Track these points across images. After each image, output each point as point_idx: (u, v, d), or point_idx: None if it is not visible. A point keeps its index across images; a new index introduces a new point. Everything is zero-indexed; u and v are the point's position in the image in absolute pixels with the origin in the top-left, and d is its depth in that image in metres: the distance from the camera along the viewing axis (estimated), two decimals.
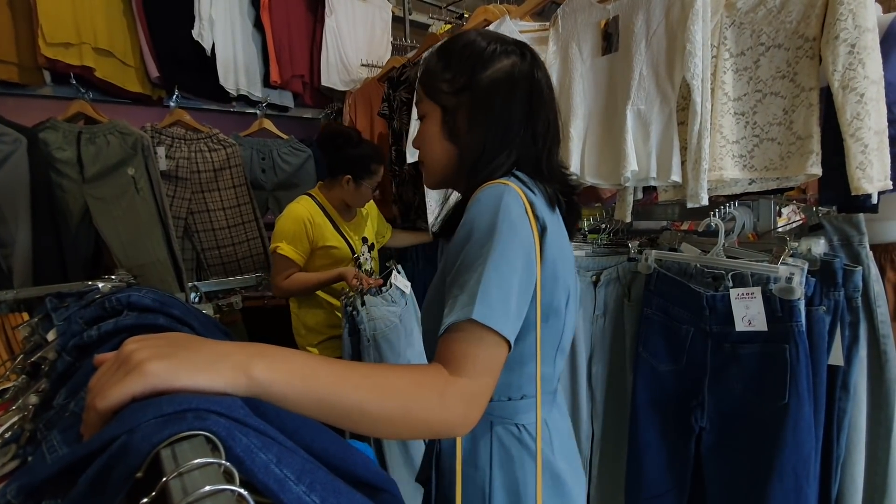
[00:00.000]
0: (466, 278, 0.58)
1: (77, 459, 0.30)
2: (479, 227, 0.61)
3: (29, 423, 0.53)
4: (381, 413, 0.47)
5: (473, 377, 0.52)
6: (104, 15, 1.82)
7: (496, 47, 0.72)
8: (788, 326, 1.02)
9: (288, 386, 0.42)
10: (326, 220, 1.71)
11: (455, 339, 0.55)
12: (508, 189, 0.64)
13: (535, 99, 0.71)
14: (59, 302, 0.67)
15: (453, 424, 0.51)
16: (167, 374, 0.36)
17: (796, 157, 1.11)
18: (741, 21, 1.15)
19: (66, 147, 1.70)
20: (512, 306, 0.57)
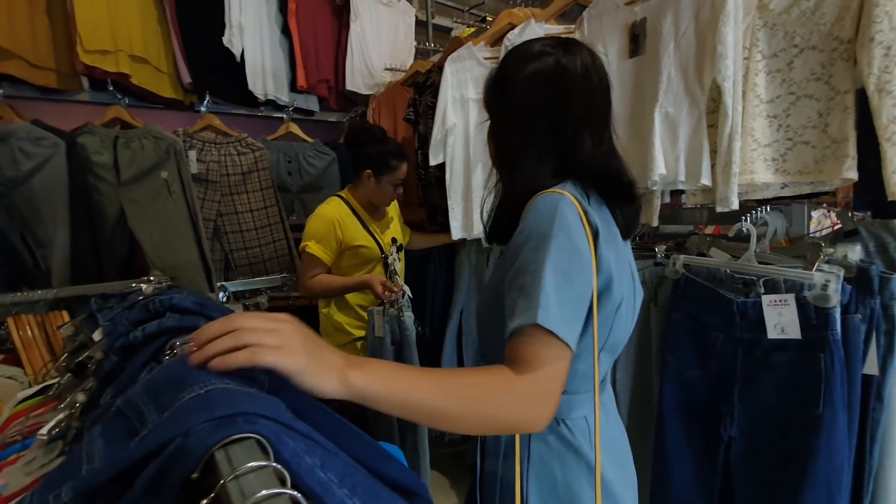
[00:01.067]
0: (527, 284, 0.60)
1: (134, 461, 0.31)
2: (537, 235, 0.63)
3: (76, 420, 0.56)
4: (457, 413, 0.54)
5: (538, 376, 0.57)
6: (139, 23, 1.88)
7: (531, 50, 0.72)
8: (823, 335, 1.00)
9: (377, 392, 0.50)
10: (356, 220, 1.72)
11: (519, 343, 0.59)
12: (563, 198, 0.66)
13: (557, 90, 0.70)
14: (103, 303, 0.70)
15: (526, 420, 0.57)
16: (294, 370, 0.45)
17: (831, 160, 1.08)
18: (774, 22, 1.13)
19: (102, 151, 1.76)
20: (569, 310, 0.60)
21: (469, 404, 0.55)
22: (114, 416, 0.40)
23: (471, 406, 0.55)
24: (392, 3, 2.60)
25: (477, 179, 1.78)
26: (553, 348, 0.58)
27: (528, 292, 0.60)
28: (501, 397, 0.56)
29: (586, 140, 0.71)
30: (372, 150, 1.70)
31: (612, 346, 0.76)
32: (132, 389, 0.42)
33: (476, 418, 0.56)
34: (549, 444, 0.74)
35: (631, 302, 0.78)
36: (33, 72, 1.72)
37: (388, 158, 1.70)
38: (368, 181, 1.71)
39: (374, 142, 1.72)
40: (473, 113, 1.78)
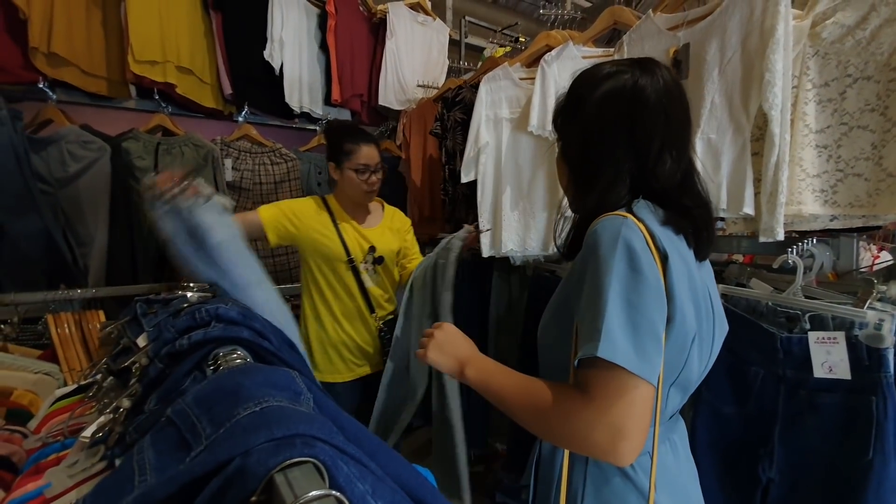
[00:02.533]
0: (589, 314, 0.61)
1: (194, 478, 0.30)
2: (597, 261, 0.62)
3: (119, 425, 0.56)
4: (525, 419, 0.65)
5: (601, 407, 0.57)
6: (187, 36, 1.96)
7: (604, 71, 0.72)
8: (876, 377, 0.94)
9: (478, 385, 0.73)
10: (325, 214, 1.59)
11: (584, 373, 0.60)
12: (626, 221, 0.64)
13: (637, 108, 0.68)
14: (147, 308, 0.71)
15: (589, 448, 0.58)
16: (431, 364, 0.78)
17: (886, 194, 1.04)
18: (826, 51, 1.10)
19: (145, 156, 1.82)
20: (639, 340, 0.58)
21: (534, 415, 0.63)
22: (164, 426, 0.40)
23: (535, 417, 0.63)
24: (427, 22, 2.64)
25: (507, 198, 1.78)
26: (619, 381, 0.57)
27: (590, 323, 0.60)
28: (561, 419, 0.60)
29: (666, 158, 0.69)
30: (333, 140, 1.59)
31: (685, 382, 0.73)
32: (182, 399, 0.41)
33: (539, 429, 0.65)
34: (607, 475, 0.71)
35: (709, 335, 0.74)
36: (86, 79, 1.79)
37: (341, 142, 1.56)
38: (335, 174, 1.59)
39: (335, 131, 1.61)
40: (506, 132, 1.78)
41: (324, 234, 1.57)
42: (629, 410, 0.57)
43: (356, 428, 0.50)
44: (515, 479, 1.86)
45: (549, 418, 0.61)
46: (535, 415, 0.64)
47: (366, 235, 1.64)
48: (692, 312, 0.67)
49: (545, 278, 1.83)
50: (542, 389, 0.64)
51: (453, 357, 0.77)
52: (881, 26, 1.03)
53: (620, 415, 0.56)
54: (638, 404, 0.57)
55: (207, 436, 0.35)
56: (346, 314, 1.62)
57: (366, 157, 1.56)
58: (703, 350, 0.72)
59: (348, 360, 1.64)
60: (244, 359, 0.54)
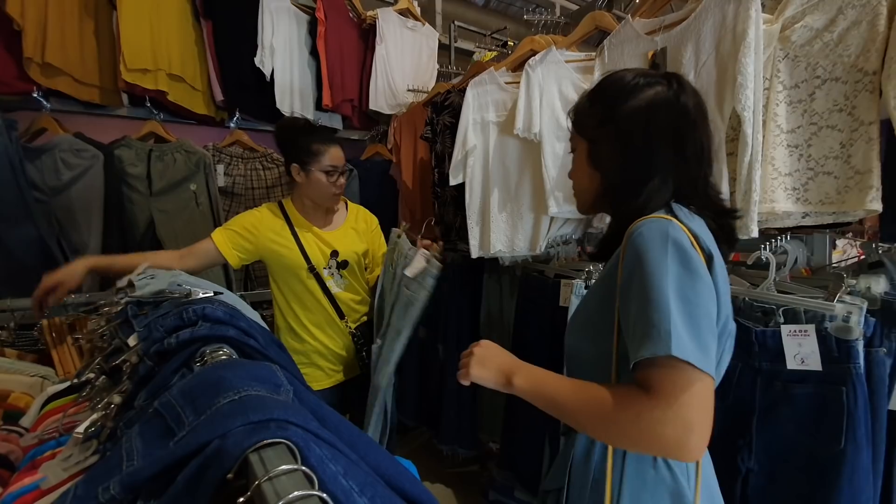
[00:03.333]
0: (652, 313, 0.61)
1: (176, 460, 0.33)
2: (649, 262, 0.63)
3: (110, 420, 0.58)
4: (588, 421, 0.65)
5: (670, 403, 0.58)
6: (178, 44, 1.98)
7: (639, 80, 0.74)
8: (846, 368, 0.98)
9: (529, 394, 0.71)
10: (283, 223, 1.51)
11: (651, 372, 0.60)
12: (671, 223, 0.66)
13: (683, 124, 0.72)
14: (138, 309, 0.74)
15: (665, 446, 0.59)
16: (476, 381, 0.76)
17: (854, 191, 1.07)
18: (796, 54, 1.14)
19: (137, 163, 1.85)
20: (701, 335, 0.60)
21: (597, 418, 0.63)
22: (151, 416, 0.43)
23: (598, 420, 0.63)
24: (416, 28, 2.68)
25: (495, 200, 1.81)
26: (685, 376, 0.58)
27: (654, 322, 0.60)
28: (630, 419, 0.60)
29: (706, 171, 0.75)
30: (294, 140, 1.48)
31: (719, 375, 0.75)
32: (168, 392, 0.44)
33: (602, 432, 0.65)
34: (645, 479, 0.72)
35: (733, 331, 0.77)
36: (79, 88, 1.82)
37: (309, 143, 1.45)
38: (298, 177, 1.48)
39: (296, 131, 1.50)
40: (493, 135, 1.82)
41: (280, 244, 1.49)
42: (697, 404, 0.58)
43: (337, 420, 0.53)
44: (509, 478, 1.89)
45: (616, 420, 0.61)
46: (598, 418, 0.64)
47: (326, 240, 1.55)
48: (726, 310, 0.70)
49: (534, 278, 1.86)
50: (601, 393, 0.64)
51: (497, 370, 0.76)
52: (848, 29, 1.07)
53: (689, 409, 0.57)
54: (704, 397, 0.58)
55: (190, 423, 0.38)
56: (315, 323, 1.56)
57: (335, 159, 1.48)
58: (729, 346, 0.76)
59: (325, 368, 1.60)
60: (230, 356, 0.57)
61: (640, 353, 0.61)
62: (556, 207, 1.63)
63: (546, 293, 1.71)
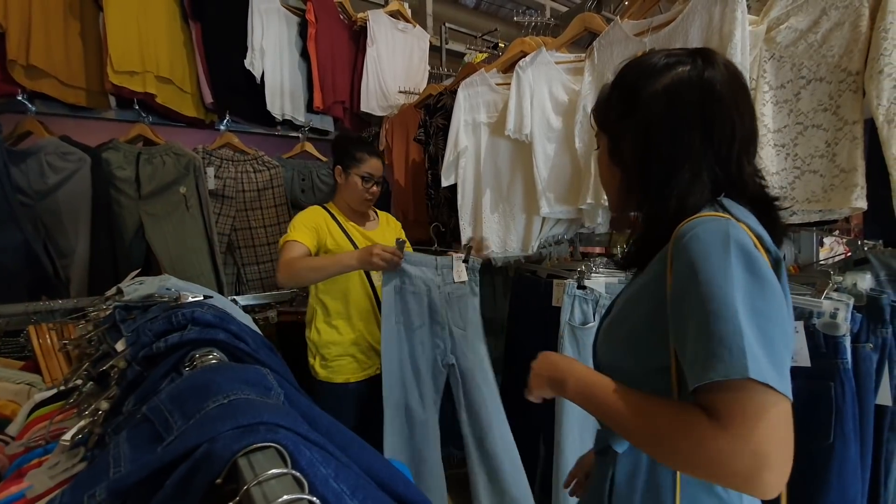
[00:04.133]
0: (721, 329, 0.52)
1: (164, 465, 0.33)
2: (710, 269, 0.55)
3: (98, 427, 0.58)
4: (643, 440, 0.59)
5: (743, 436, 0.49)
6: (167, 46, 1.97)
7: (663, 61, 0.66)
8: (833, 363, 0.99)
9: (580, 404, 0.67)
10: (333, 223, 1.68)
11: (719, 397, 0.52)
12: (731, 223, 0.58)
13: (709, 102, 0.63)
14: (126, 314, 0.73)
15: (733, 480, 0.51)
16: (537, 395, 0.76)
17: (840, 189, 1.09)
18: (781, 55, 1.16)
19: (125, 166, 1.82)
20: (778, 354, 0.52)
21: (653, 438, 0.56)
22: (139, 422, 0.42)
23: (655, 440, 0.56)
24: (407, 29, 2.68)
25: (487, 201, 1.82)
26: (758, 401, 0.50)
27: (723, 339, 0.51)
28: (686, 445, 0.53)
29: (744, 158, 0.65)
30: (345, 147, 1.69)
31: None
32: (157, 397, 0.44)
33: (659, 454, 0.58)
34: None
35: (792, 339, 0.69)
36: (65, 90, 1.79)
37: (353, 150, 1.67)
38: (339, 178, 1.69)
39: (349, 140, 1.74)
40: (485, 136, 1.82)
41: (335, 239, 1.65)
42: (772, 434, 0.50)
43: (328, 422, 0.52)
44: None
45: (675, 445, 0.54)
46: (655, 438, 0.57)
47: (369, 237, 1.73)
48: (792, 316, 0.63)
49: (527, 278, 1.87)
50: (659, 410, 0.57)
51: (549, 383, 0.72)
52: (831, 30, 1.09)
53: (764, 440, 0.49)
54: (781, 425, 0.50)
55: (178, 427, 0.37)
56: (359, 315, 1.67)
57: (372, 168, 1.67)
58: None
59: (360, 360, 1.68)
60: (220, 360, 0.57)
61: (707, 376, 0.52)
62: (548, 208, 1.63)
63: (539, 293, 1.71)
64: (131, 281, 1.02)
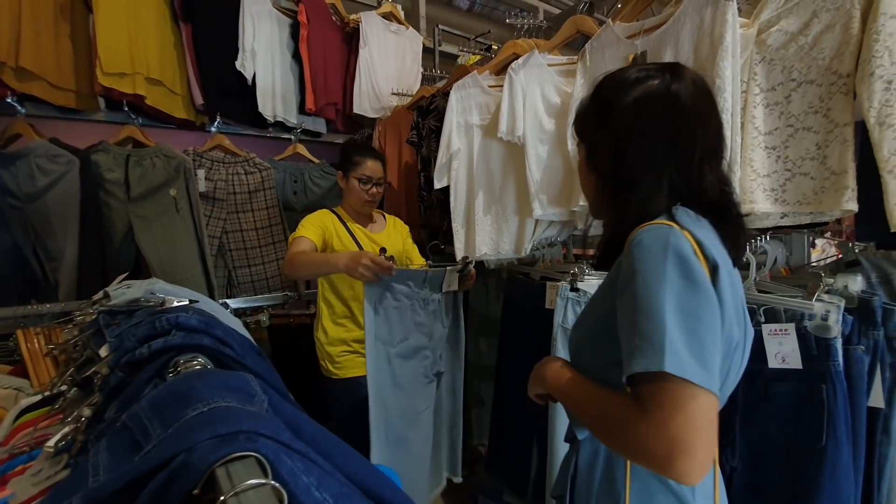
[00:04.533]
0: (646, 327, 0.58)
1: (141, 474, 0.32)
2: (647, 272, 0.60)
3: (81, 434, 0.56)
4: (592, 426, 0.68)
5: (660, 422, 0.55)
6: (157, 47, 1.95)
7: (634, 75, 0.71)
8: (825, 365, 0.99)
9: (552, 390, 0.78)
10: (341, 225, 1.73)
11: (644, 388, 0.58)
12: (672, 230, 0.63)
13: (675, 113, 0.68)
14: (111, 319, 0.72)
15: (653, 463, 0.56)
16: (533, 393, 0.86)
17: (831, 192, 1.09)
18: (772, 57, 1.16)
19: (115, 168, 1.81)
20: (702, 350, 0.57)
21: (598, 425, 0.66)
22: (118, 430, 0.41)
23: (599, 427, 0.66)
24: (400, 31, 2.68)
25: (479, 203, 1.81)
26: (679, 392, 0.55)
27: (648, 336, 0.57)
28: (620, 430, 0.60)
29: (706, 168, 0.69)
30: (346, 152, 1.76)
31: (724, 393, 0.72)
32: (137, 404, 0.43)
33: (602, 438, 0.67)
34: (651, 492, 0.70)
35: (742, 343, 0.72)
36: (54, 92, 1.78)
37: (351, 154, 1.73)
38: (341, 183, 1.76)
39: (349, 145, 1.81)
40: (477, 139, 1.82)
41: (342, 240, 1.70)
42: (691, 423, 0.54)
43: (313, 428, 0.51)
44: (498, 482, 1.88)
45: (611, 429, 0.62)
46: (598, 424, 0.66)
47: (375, 239, 1.78)
48: (735, 321, 0.66)
49: (520, 281, 1.87)
50: (607, 400, 0.64)
51: (539, 383, 0.82)
52: (822, 32, 1.10)
53: (681, 428, 0.54)
54: (700, 416, 0.55)
55: (157, 436, 0.36)
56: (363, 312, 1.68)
57: (369, 170, 1.72)
58: (740, 358, 0.72)
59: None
60: (205, 366, 0.56)
61: (631, 367, 0.58)
62: (541, 210, 1.63)
63: (532, 295, 1.71)
64: (118, 284, 1.01)
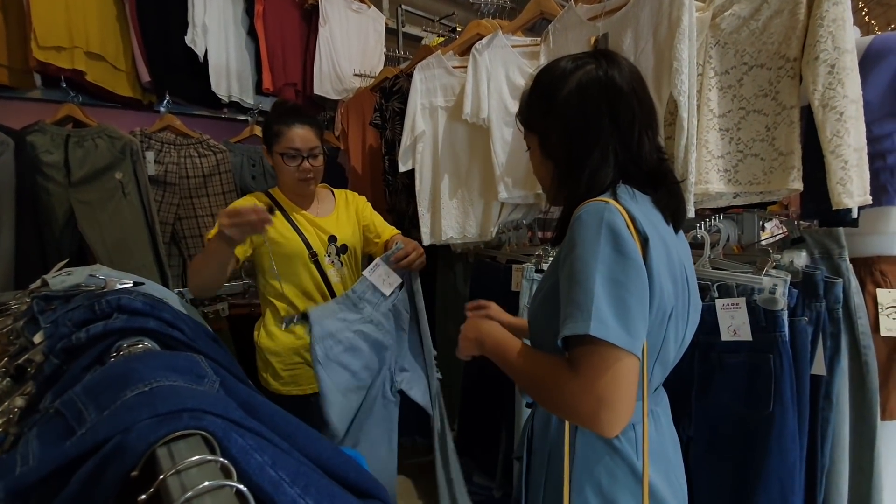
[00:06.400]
0: (577, 295, 0.64)
1: (69, 460, 0.29)
2: (582, 245, 0.66)
3: (14, 426, 0.52)
4: (527, 386, 0.74)
5: (587, 381, 0.62)
6: (97, 19, 1.81)
7: (569, 65, 0.76)
8: (772, 336, 1.04)
9: (492, 356, 0.81)
10: (278, 212, 1.43)
11: (573, 351, 0.65)
12: (608, 206, 0.68)
13: (612, 94, 0.73)
14: (45, 304, 0.66)
15: (577, 418, 0.65)
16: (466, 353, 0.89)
17: (778, 172, 1.14)
18: (725, 41, 1.19)
19: (53, 150, 1.68)
20: (627, 316, 0.63)
21: (532, 385, 0.72)
22: (51, 417, 0.38)
23: (533, 387, 0.72)
24: (362, 10, 2.60)
25: (445, 186, 1.80)
26: (605, 355, 0.62)
27: (579, 303, 0.63)
28: (552, 390, 0.67)
29: (644, 140, 0.75)
30: (266, 123, 1.41)
31: (665, 357, 0.76)
32: (72, 390, 0.39)
33: (537, 397, 0.74)
34: (595, 448, 0.75)
35: (684, 311, 0.77)
36: None
37: (272, 125, 1.37)
38: (269, 160, 1.44)
39: (269, 113, 1.44)
40: (442, 121, 1.80)
41: (279, 232, 1.39)
42: (613, 382, 0.61)
43: (272, 410, 0.49)
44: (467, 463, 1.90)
45: (544, 388, 0.69)
46: (533, 384, 0.72)
47: (322, 226, 1.46)
48: (670, 290, 0.71)
49: (486, 264, 1.87)
50: (541, 362, 0.71)
51: (475, 343, 0.86)
52: (771, 17, 1.13)
53: (606, 387, 0.61)
54: (623, 376, 0.62)
55: (92, 420, 0.34)
56: None
57: (297, 140, 1.36)
58: (679, 326, 0.76)
59: None
60: (151, 350, 0.52)
61: (562, 331, 0.64)
62: (506, 193, 1.63)
63: (499, 278, 1.72)
64: (58, 272, 0.94)
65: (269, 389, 1.44)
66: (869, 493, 1.14)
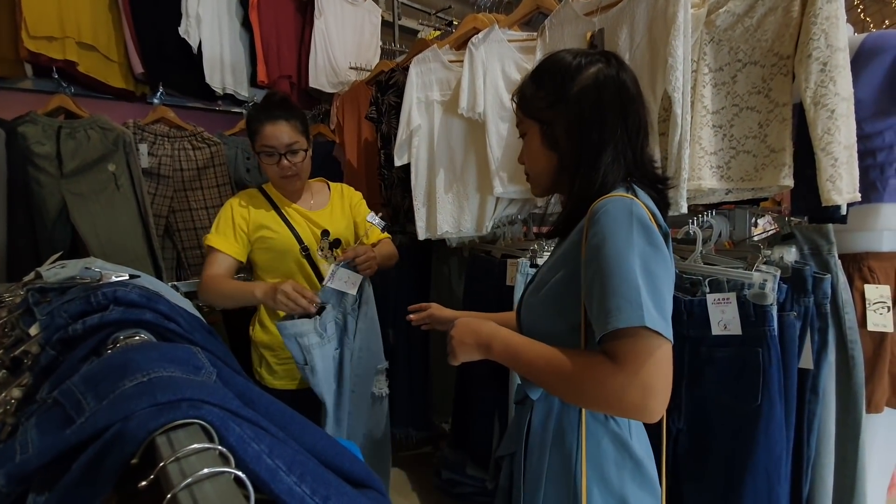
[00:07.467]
0: (622, 287, 0.64)
1: (70, 447, 0.30)
2: (616, 238, 0.67)
3: (11, 417, 0.52)
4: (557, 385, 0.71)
5: (635, 371, 0.62)
6: (89, 9, 1.79)
7: (581, 60, 0.78)
8: (761, 331, 1.06)
9: (506, 361, 0.78)
10: (267, 203, 1.43)
11: (619, 343, 0.64)
12: (634, 202, 0.70)
13: (625, 98, 0.76)
14: (41, 297, 0.66)
15: (627, 409, 0.64)
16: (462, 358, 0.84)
17: (770, 168, 1.15)
18: (720, 38, 1.20)
19: (44, 141, 1.66)
20: (663, 307, 0.65)
21: (565, 383, 0.69)
22: (49, 406, 0.38)
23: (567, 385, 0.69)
24: (358, 2, 2.58)
25: (440, 181, 1.80)
26: (647, 344, 0.62)
27: (625, 295, 0.63)
28: (593, 385, 0.65)
29: (645, 145, 0.79)
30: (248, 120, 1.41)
31: None
32: (70, 380, 0.40)
33: (571, 395, 0.72)
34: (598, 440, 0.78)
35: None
36: None
37: (250, 123, 1.36)
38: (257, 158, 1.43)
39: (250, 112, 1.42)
40: (438, 115, 1.80)
41: (271, 228, 1.40)
42: (658, 370, 0.62)
43: (268, 401, 0.50)
44: (461, 455, 1.92)
45: (582, 385, 0.67)
46: (566, 383, 0.70)
47: (314, 220, 1.45)
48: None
49: (481, 259, 1.88)
50: (571, 359, 0.70)
51: (475, 346, 0.82)
52: (765, 15, 1.14)
53: (651, 375, 0.62)
54: (665, 363, 0.64)
55: (91, 409, 0.34)
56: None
57: (269, 138, 1.32)
58: None
59: None
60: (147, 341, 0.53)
61: (611, 325, 0.63)
62: (502, 188, 1.64)
63: (493, 273, 1.73)
64: (52, 265, 0.94)
65: (263, 384, 1.44)
66: (853, 483, 1.16)
